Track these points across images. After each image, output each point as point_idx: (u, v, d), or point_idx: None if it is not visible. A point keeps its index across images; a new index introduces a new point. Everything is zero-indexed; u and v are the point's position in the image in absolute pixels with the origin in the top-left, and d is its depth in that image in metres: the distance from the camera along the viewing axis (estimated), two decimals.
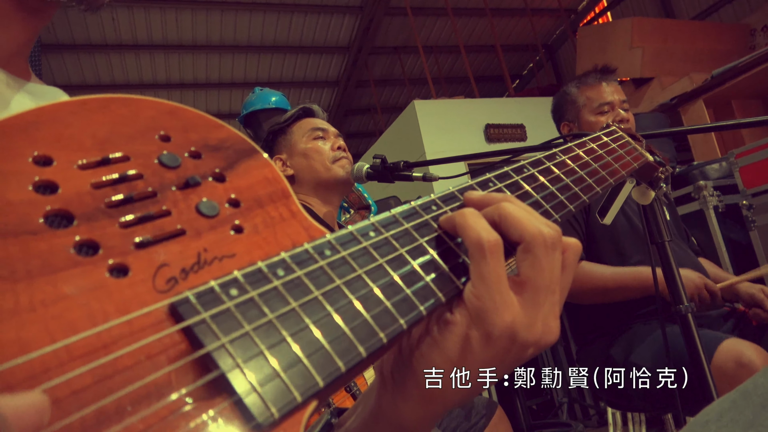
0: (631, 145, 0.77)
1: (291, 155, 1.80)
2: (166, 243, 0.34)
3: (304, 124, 1.84)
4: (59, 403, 0.27)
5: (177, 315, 0.31)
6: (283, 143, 1.84)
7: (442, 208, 0.47)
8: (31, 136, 0.34)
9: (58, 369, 0.27)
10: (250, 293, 0.34)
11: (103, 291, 0.31)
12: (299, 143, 1.79)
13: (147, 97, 0.40)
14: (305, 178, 1.76)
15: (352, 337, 0.35)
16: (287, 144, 1.82)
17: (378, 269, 0.40)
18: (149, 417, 0.28)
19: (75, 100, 0.37)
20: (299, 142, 1.79)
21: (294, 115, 1.86)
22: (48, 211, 0.32)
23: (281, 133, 1.86)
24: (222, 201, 0.37)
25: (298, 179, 1.78)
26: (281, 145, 1.84)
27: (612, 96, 2.09)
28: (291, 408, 0.31)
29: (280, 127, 1.86)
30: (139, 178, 0.35)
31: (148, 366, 0.29)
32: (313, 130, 1.81)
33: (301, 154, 1.77)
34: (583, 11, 8.31)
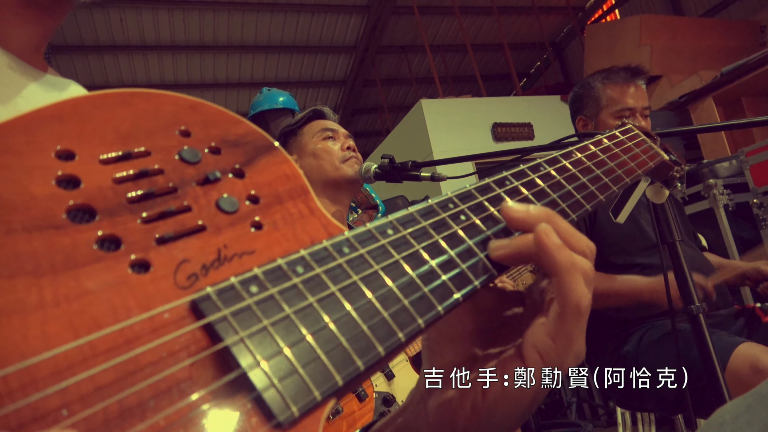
0: (647, 143, 0.76)
1: (301, 156, 1.80)
2: (186, 239, 0.34)
3: (315, 125, 1.84)
4: (84, 400, 0.27)
5: (198, 311, 0.31)
6: (293, 144, 1.85)
7: (459, 206, 0.47)
8: (54, 130, 0.34)
9: (82, 365, 0.27)
10: (270, 290, 0.33)
11: (125, 286, 0.31)
12: (309, 144, 1.79)
13: (168, 92, 0.40)
14: (315, 178, 1.76)
15: (371, 335, 0.35)
16: (298, 145, 1.83)
17: (396, 267, 0.40)
18: (172, 414, 0.28)
19: (97, 95, 0.37)
20: (309, 143, 1.80)
21: (305, 116, 1.86)
22: (71, 206, 0.32)
23: (292, 135, 1.86)
24: (242, 197, 0.37)
25: (308, 179, 1.77)
26: (292, 146, 1.85)
27: (636, 102, 2.01)
28: (311, 406, 0.31)
29: (290, 129, 1.87)
30: (160, 174, 0.35)
31: (170, 362, 0.29)
32: (323, 131, 1.81)
33: (311, 154, 1.78)
34: (591, 9, 8.28)
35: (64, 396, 0.26)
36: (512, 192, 0.51)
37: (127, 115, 0.37)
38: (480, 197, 0.49)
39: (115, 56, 6.98)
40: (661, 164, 0.79)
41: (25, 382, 0.26)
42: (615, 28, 5.40)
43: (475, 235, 0.45)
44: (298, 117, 1.88)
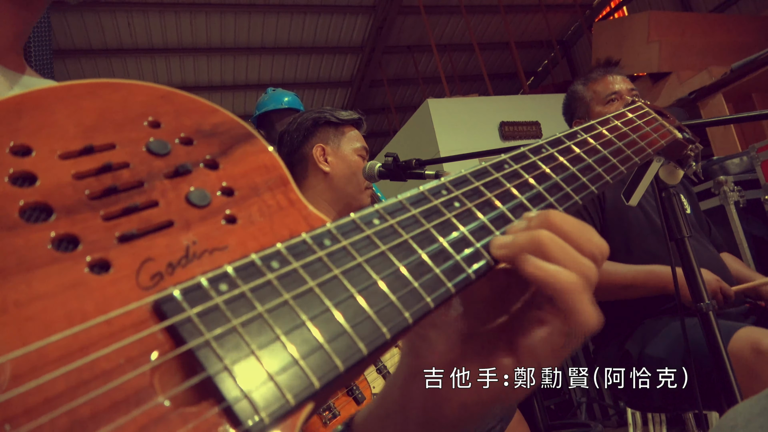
0: (658, 121, 0.72)
1: (335, 154, 1.74)
2: (152, 236, 0.31)
3: (357, 136, 1.78)
4: (29, 413, 0.24)
5: (160, 313, 0.29)
6: (332, 136, 1.76)
7: (453, 192, 0.44)
8: (10, 124, 0.32)
9: (30, 374, 0.25)
10: (241, 288, 0.31)
11: (82, 289, 0.28)
12: (347, 150, 1.74)
13: (140, 82, 0.37)
14: (338, 185, 1.71)
15: (353, 333, 0.33)
16: (336, 140, 1.76)
17: (382, 260, 0.37)
18: (127, 425, 0.25)
19: (62, 86, 0.35)
20: (347, 150, 1.74)
21: (354, 119, 1.80)
22: (25, 205, 0.29)
23: (333, 125, 1.78)
24: (214, 189, 0.35)
25: (331, 180, 1.73)
26: (329, 134, 1.77)
27: (619, 85, 2.08)
28: (283, 412, 0.29)
29: (335, 119, 1.78)
30: (124, 167, 0.33)
31: (128, 369, 0.27)
32: (362, 149, 1.76)
33: (346, 161, 1.72)
34: (599, 6, 8.21)
35: (7, 409, 0.24)
36: (511, 176, 0.48)
37: (93, 107, 0.34)
38: (476, 182, 0.46)
39: (123, 59, 7.00)
40: (673, 143, 0.74)
41: None
42: (623, 25, 5.34)
43: (471, 222, 0.43)
44: (348, 113, 1.80)
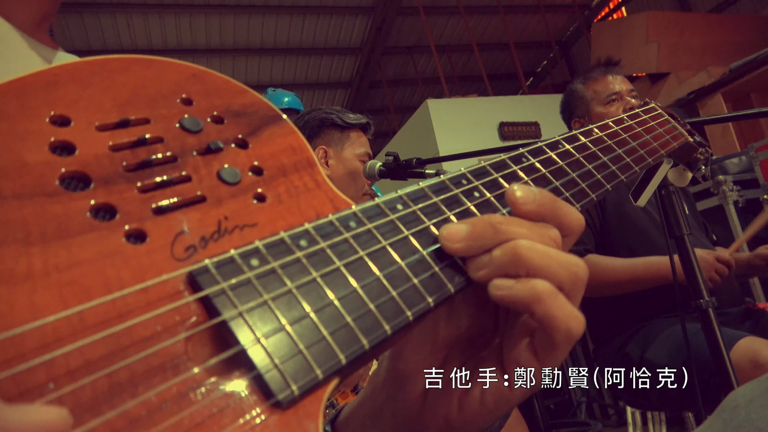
0: (670, 123, 0.73)
1: (336, 157, 1.72)
2: (185, 210, 0.32)
3: (361, 140, 1.77)
4: (72, 374, 0.25)
5: (195, 284, 0.30)
6: (336, 138, 1.75)
7: (473, 183, 0.45)
8: (49, 95, 0.32)
9: (71, 337, 0.26)
10: (271, 264, 0.32)
11: (119, 257, 0.29)
12: (349, 155, 1.72)
13: (171, 60, 0.38)
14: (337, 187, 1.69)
15: (378, 313, 0.33)
16: (340, 144, 1.74)
17: (405, 244, 0.38)
18: (164, 391, 0.26)
19: (96, 60, 0.35)
20: (350, 154, 1.73)
21: (362, 123, 1.78)
22: (64, 173, 0.30)
23: (338, 128, 1.76)
24: (244, 168, 0.36)
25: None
26: (333, 137, 1.75)
27: (620, 86, 2.08)
28: (312, 385, 0.29)
29: (341, 122, 1.76)
30: (159, 142, 0.33)
31: (164, 336, 0.27)
32: (365, 154, 1.74)
33: (347, 167, 1.71)
34: (598, 7, 8.23)
35: (51, 369, 0.24)
36: (528, 169, 0.49)
37: (127, 82, 0.35)
38: (495, 174, 0.47)
39: None
40: (685, 145, 0.76)
41: (9, 355, 0.24)
42: (622, 25, 5.36)
43: (490, 212, 0.43)
44: (356, 117, 1.78)
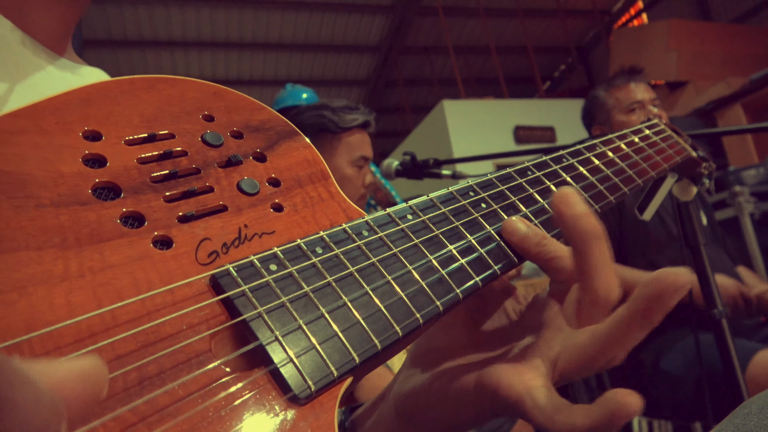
0: (673, 138, 0.75)
1: (328, 162, 1.68)
2: (208, 218, 0.35)
3: (356, 144, 1.71)
4: None
5: (218, 287, 0.32)
6: (326, 146, 1.70)
7: (480, 194, 0.47)
8: (82, 112, 0.35)
9: (104, 333, 0.28)
10: (289, 268, 0.34)
11: (148, 261, 0.31)
12: (341, 162, 1.68)
13: (192, 79, 0.41)
14: None
15: (389, 316, 0.36)
16: (331, 150, 1.69)
17: (415, 251, 0.40)
18: (189, 383, 0.28)
19: (125, 80, 0.38)
20: (341, 162, 1.68)
21: (359, 123, 1.71)
22: (97, 184, 0.33)
23: (331, 132, 1.70)
24: (262, 180, 0.38)
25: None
26: (324, 143, 1.70)
27: (642, 94, 2.07)
28: (327, 382, 0.32)
29: (335, 127, 1.70)
30: (183, 155, 0.36)
31: (190, 334, 0.30)
32: (361, 159, 1.70)
33: (337, 174, 1.65)
34: (618, 13, 8.19)
35: None
36: (533, 182, 0.51)
37: (152, 100, 0.38)
38: (500, 186, 0.49)
39: (142, 52, 7.10)
40: (688, 160, 0.78)
41: (48, 348, 0.27)
42: (642, 32, 5.34)
43: (496, 223, 0.46)
44: (353, 119, 1.71)
